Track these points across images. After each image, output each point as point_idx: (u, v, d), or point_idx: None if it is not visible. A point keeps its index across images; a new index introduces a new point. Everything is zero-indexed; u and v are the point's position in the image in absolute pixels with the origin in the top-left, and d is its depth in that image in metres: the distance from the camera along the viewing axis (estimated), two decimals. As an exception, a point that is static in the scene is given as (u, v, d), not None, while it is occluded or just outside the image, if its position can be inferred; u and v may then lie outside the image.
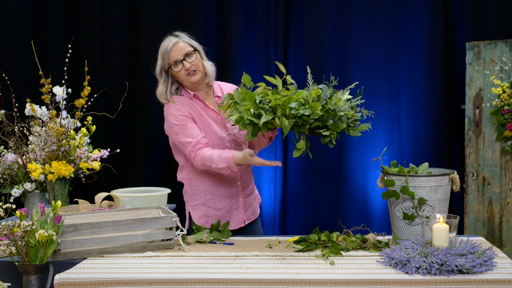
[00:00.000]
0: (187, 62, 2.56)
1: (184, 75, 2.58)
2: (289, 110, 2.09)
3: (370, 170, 4.02)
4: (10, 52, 4.15)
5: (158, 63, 2.62)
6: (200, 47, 2.65)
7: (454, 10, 4.01)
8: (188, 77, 2.59)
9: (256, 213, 2.82)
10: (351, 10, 4.04)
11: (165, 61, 2.58)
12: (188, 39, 2.63)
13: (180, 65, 2.57)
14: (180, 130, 2.57)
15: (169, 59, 2.57)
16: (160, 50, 2.61)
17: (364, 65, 4.03)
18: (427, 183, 2.16)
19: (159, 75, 2.63)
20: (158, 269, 1.97)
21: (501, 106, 3.58)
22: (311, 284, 1.85)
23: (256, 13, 4.08)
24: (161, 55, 2.60)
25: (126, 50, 4.19)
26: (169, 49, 2.56)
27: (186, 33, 2.66)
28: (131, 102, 3.95)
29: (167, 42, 2.59)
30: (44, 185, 3.12)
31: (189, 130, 2.56)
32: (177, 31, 2.66)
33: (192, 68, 2.57)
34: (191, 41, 2.63)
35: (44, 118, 3.03)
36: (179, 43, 2.58)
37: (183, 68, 2.56)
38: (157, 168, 4.18)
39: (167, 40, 2.61)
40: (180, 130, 2.57)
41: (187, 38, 2.63)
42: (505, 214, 3.65)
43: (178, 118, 2.57)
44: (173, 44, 2.57)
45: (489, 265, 1.91)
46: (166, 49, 2.57)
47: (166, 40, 2.61)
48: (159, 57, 2.61)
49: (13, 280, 2.04)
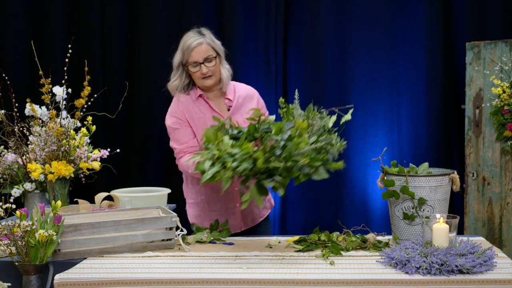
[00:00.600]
0: (205, 67, 2.53)
1: (199, 77, 2.56)
2: (230, 163, 1.95)
3: (370, 170, 4.02)
4: (10, 52, 4.14)
5: (177, 55, 2.58)
6: (222, 50, 2.61)
7: (454, 10, 4.01)
8: (202, 80, 2.56)
9: (256, 220, 2.74)
10: (351, 10, 4.04)
11: (185, 57, 2.54)
12: (212, 41, 2.57)
13: (198, 67, 2.54)
14: (171, 133, 2.63)
15: (189, 57, 2.53)
16: (182, 43, 2.55)
17: (364, 65, 4.03)
18: (427, 183, 2.16)
19: (176, 67, 2.60)
20: (158, 269, 1.97)
21: (501, 106, 3.58)
22: (311, 284, 1.85)
23: (256, 13, 4.08)
24: (182, 49, 2.55)
25: (126, 50, 4.19)
26: (191, 48, 2.52)
27: (212, 32, 2.61)
28: (131, 102, 3.95)
29: (192, 39, 2.53)
30: (44, 185, 3.12)
31: (177, 136, 2.59)
32: (203, 27, 2.61)
33: (208, 73, 2.54)
34: (215, 43, 2.58)
35: (44, 118, 3.03)
36: (202, 45, 2.53)
37: (200, 71, 2.54)
38: (157, 168, 4.18)
39: (192, 36, 2.54)
40: (171, 133, 2.63)
41: (211, 39, 2.57)
42: (505, 214, 3.65)
43: (172, 120, 2.61)
44: (197, 44, 2.52)
45: (489, 265, 1.91)
46: (188, 46, 2.52)
47: (190, 35, 2.55)
48: (179, 50, 2.56)
49: (13, 280, 2.04)
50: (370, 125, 4.03)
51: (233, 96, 2.63)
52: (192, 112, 2.60)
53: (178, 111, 2.60)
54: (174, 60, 2.60)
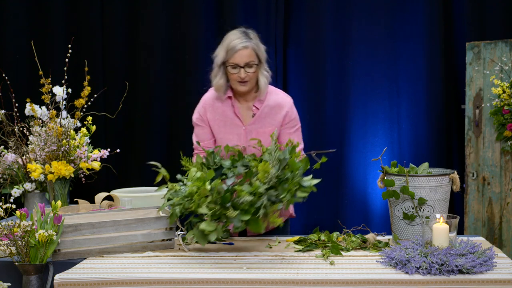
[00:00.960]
0: (244, 71, 2.47)
1: (235, 80, 2.50)
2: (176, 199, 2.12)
3: (370, 170, 4.02)
4: (10, 52, 4.14)
5: (220, 52, 2.50)
6: (264, 57, 2.52)
7: (454, 10, 4.01)
8: (237, 83, 2.51)
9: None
10: (351, 10, 4.04)
11: (226, 57, 2.48)
12: (258, 46, 2.49)
13: (237, 70, 2.47)
14: (194, 126, 2.67)
15: (230, 58, 2.46)
16: (227, 41, 2.49)
17: (364, 65, 4.03)
18: (427, 183, 2.16)
19: (218, 65, 2.53)
20: (158, 269, 1.97)
21: (501, 106, 3.58)
22: (311, 284, 1.85)
23: (256, 13, 4.08)
24: (226, 49, 2.48)
25: (126, 50, 4.19)
26: (235, 50, 2.45)
27: (258, 37, 2.53)
28: (131, 102, 3.95)
29: (238, 40, 2.46)
30: (44, 185, 3.12)
31: (197, 131, 2.65)
32: (250, 29, 2.53)
33: (246, 78, 2.49)
34: (260, 50, 2.50)
35: (44, 118, 3.03)
36: (247, 49, 2.45)
37: (238, 74, 2.48)
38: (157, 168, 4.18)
39: (239, 37, 2.47)
40: (194, 126, 2.67)
41: (257, 45, 2.49)
42: (505, 214, 3.65)
43: (196, 116, 2.65)
44: (242, 47, 2.45)
45: (489, 265, 1.91)
46: (233, 47, 2.45)
47: (237, 35, 2.49)
48: (223, 48, 2.49)
49: (13, 280, 2.04)
50: (370, 125, 4.03)
51: (260, 104, 2.57)
52: (215, 112, 2.58)
53: (202, 108, 2.63)
54: (217, 58, 2.52)
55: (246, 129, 2.56)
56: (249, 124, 2.56)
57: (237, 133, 2.56)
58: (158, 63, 4.16)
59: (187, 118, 4.14)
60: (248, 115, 2.59)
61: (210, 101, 2.62)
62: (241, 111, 2.59)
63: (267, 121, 2.57)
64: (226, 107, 2.58)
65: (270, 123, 2.56)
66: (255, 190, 2.01)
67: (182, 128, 4.17)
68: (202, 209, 2.01)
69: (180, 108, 4.17)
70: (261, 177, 2.03)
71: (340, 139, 4.07)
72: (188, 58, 4.13)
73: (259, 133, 2.54)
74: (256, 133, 2.55)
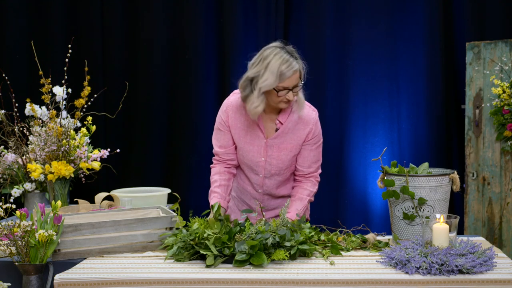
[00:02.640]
0: (292, 94, 2.34)
1: (279, 101, 2.36)
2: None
3: (370, 170, 4.02)
4: (10, 52, 4.15)
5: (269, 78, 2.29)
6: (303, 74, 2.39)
7: (454, 10, 4.01)
8: (280, 103, 2.37)
9: None
10: (351, 10, 4.04)
11: (276, 81, 2.29)
12: (302, 66, 2.37)
13: (285, 92, 2.33)
14: (215, 130, 2.57)
15: (282, 83, 2.30)
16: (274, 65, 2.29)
17: (364, 65, 4.03)
18: (427, 183, 2.16)
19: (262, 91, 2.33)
20: (158, 269, 1.97)
21: (501, 106, 3.58)
22: (311, 284, 1.85)
23: (256, 13, 4.08)
24: (277, 74, 2.28)
25: (126, 50, 4.19)
26: (287, 76, 2.30)
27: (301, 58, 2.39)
28: (131, 102, 3.95)
29: (287, 65, 2.30)
30: (44, 185, 3.12)
31: (218, 136, 2.55)
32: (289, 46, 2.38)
33: (292, 100, 2.37)
34: (304, 69, 2.37)
35: (44, 118, 3.03)
36: (297, 73, 2.33)
37: (285, 96, 2.33)
38: (157, 168, 4.19)
39: (287, 61, 2.30)
40: (215, 130, 2.57)
41: (302, 65, 2.37)
42: (505, 214, 3.65)
43: (219, 120, 2.54)
44: (294, 72, 2.31)
45: (489, 265, 1.91)
46: (284, 73, 2.29)
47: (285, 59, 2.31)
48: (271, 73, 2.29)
49: (13, 280, 2.04)
50: (370, 125, 4.03)
51: (285, 119, 2.47)
52: (238, 120, 2.49)
53: (225, 113, 2.51)
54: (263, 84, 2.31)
55: (268, 142, 2.48)
56: (271, 138, 2.48)
57: (257, 144, 2.49)
58: (158, 63, 4.16)
59: (187, 118, 4.18)
60: (271, 128, 2.49)
61: (234, 107, 2.49)
62: (265, 123, 2.49)
63: (289, 137, 2.48)
64: (250, 119, 2.46)
65: (292, 139, 2.48)
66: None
67: (182, 128, 4.17)
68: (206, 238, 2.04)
69: (180, 108, 4.17)
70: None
71: (340, 139, 4.07)
72: (188, 58, 4.14)
73: (280, 148, 2.49)
74: (277, 148, 2.49)
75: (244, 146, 2.51)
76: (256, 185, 2.58)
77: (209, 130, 4.18)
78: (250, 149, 2.50)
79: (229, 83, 4.09)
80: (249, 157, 2.52)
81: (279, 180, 2.57)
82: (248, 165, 2.55)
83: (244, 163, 2.56)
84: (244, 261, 1.96)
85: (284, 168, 2.53)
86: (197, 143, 4.14)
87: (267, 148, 2.49)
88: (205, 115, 4.14)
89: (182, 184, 4.12)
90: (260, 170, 2.54)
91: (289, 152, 2.49)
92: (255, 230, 2.03)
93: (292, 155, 2.51)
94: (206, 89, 4.17)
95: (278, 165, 2.51)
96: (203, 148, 4.14)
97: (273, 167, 2.52)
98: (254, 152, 2.50)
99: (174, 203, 2.31)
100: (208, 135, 4.18)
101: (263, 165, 2.52)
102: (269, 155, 2.50)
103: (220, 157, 2.57)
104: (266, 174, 2.54)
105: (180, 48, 4.15)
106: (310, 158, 2.53)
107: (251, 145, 2.50)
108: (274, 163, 2.51)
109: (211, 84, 4.17)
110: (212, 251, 1.98)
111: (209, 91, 4.16)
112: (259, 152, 2.50)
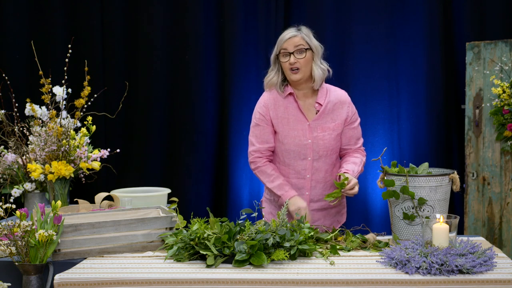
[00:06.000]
0: (293, 57, 2.52)
1: (287, 69, 2.55)
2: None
3: (370, 170, 4.02)
4: (10, 52, 4.15)
5: (275, 48, 2.60)
6: (316, 48, 2.58)
7: (454, 10, 4.01)
8: (290, 72, 2.55)
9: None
10: (351, 10, 4.04)
11: (277, 48, 2.57)
12: (308, 36, 2.57)
13: (287, 57, 2.53)
14: (252, 127, 2.65)
15: (281, 47, 2.55)
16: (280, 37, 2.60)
17: (364, 65, 4.03)
18: (427, 183, 2.16)
19: (273, 61, 2.61)
20: (158, 269, 1.97)
21: (501, 106, 3.58)
22: (311, 284, 1.85)
23: (256, 13, 4.08)
24: (277, 42, 2.58)
25: (126, 50, 4.19)
26: (284, 39, 2.55)
27: (312, 32, 2.62)
28: (131, 102, 3.95)
29: (287, 32, 2.57)
30: (44, 185, 3.12)
31: (258, 132, 2.62)
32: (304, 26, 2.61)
33: (296, 65, 2.53)
34: (310, 39, 2.58)
35: (44, 118, 3.03)
36: (296, 37, 2.54)
37: (288, 61, 2.53)
38: (157, 168, 4.18)
39: (288, 30, 2.58)
40: (252, 127, 2.65)
41: (307, 35, 2.57)
42: (505, 214, 3.65)
43: (257, 116, 2.63)
44: (290, 36, 2.54)
45: (489, 265, 1.91)
46: (282, 38, 2.56)
47: (288, 30, 2.59)
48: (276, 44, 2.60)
49: (13, 280, 2.04)
50: (370, 125, 4.03)
51: (323, 101, 2.61)
52: (278, 110, 2.59)
53: (264, 107, 2.62)
54: (272, 55, 2.61)
55: (311, 125, 2.58)
56: (313, 120, 2.58)
57: (301, 128, 2.58)
58: (158, 63, 4.16)
59: (187, 118, 4.18)
60: (311, 111, 2.61)
61: (271, 100, 2.61)
62: (304, 107, 2.61)
63: (330, 117, 2.60)
64: (289, 104, 2.60)
65: (333, 119, 2.61)
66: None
67: (182, 128, 4.17)
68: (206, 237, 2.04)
69: (180, 108, 4.17)
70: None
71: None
72: (188, 58, 4.14)
73: (324, 128, 2.59)
74: (321, 129, 2.59)
75: (289, 132, 2.58)
76: (303, 170, 2.61)
77: (209, 130, 4.20)
78: (296, 134, 2.58)
79: (229, 83, 4.09)
80: (296, 142, 2.58)
81: (327, 163, 2.63)
82: (295, 151, 2.59)
83: (290, 151, 2.59)
84: (244, 261, 1.96)
85: (331, 149, 2.61)
86: (197, 143, 4.15)
87: (311, 130, 2.58)
88: (205, 115, 4.14)
89: (182, 184, 4.12)
90: (308, 153, 2.59)
91: (332, 131, 2.59)
92: (255, 230, 2.04)
93: (335, 134, 2.61)
94: (206, 89, 4.17)
95: (324, 145, 2.59)
96: (203, 148, 4.15)
97: (321, 148, 2.59)
98: (300, 136, 2.58)
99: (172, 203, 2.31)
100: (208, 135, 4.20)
101: (310, 147, 2.58)
102: (314, 136, 2.58)
103: (261, 153, 2.62)
104: (315, 156, 2.60)
105: (180, 48, 4.15)
106: (354, 136, 2.67)
107: (295, 130, 2.58)
108: (320, 143, 2.59)
109: (211, 84, 4.17)
110: (212, 251, 1.99)
111: (209, 91, 4.17)
112: (304, 135, 2.58)
